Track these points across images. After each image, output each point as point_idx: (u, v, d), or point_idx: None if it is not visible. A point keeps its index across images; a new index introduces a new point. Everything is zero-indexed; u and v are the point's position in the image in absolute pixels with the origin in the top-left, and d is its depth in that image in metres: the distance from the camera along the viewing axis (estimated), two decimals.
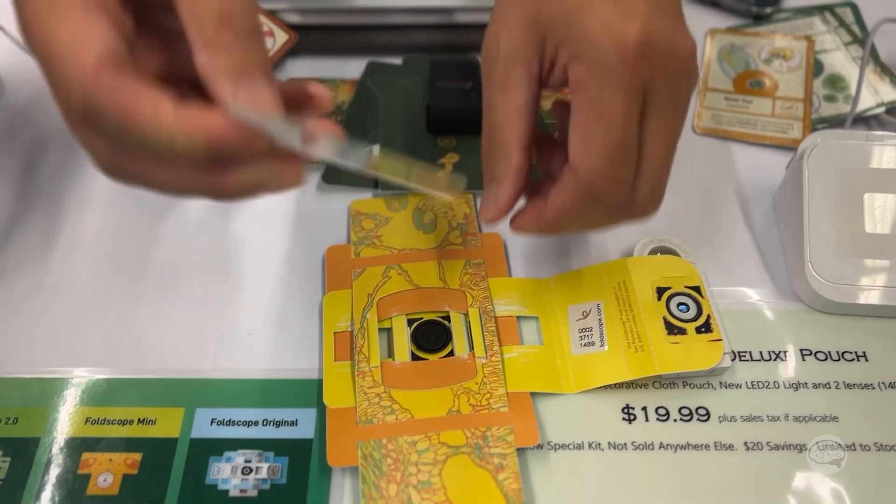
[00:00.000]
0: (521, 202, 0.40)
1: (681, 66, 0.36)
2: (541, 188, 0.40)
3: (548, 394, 0.43)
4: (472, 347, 0.44)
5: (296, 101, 0.34)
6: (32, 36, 0.29)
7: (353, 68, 0.58)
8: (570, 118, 0.36)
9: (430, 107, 0.53)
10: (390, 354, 0.44)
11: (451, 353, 0.44)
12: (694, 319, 0.44)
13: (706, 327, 0.44)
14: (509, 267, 0.48)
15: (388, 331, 0.44)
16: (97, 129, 0.29)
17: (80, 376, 0.44)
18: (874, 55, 0.59)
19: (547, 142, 0.41)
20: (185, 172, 0.31)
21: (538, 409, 0.42)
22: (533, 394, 0.43)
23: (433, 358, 0.44)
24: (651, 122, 0.36)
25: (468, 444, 0.40)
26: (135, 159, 0.30)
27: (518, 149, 0.38)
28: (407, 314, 0.45)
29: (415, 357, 0.44)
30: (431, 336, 0.44)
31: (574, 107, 0.36)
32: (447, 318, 0.45)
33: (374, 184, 0.51)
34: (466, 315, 0.45)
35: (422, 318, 0.45)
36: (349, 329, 0.44)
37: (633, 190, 0.37)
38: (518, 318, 0.46)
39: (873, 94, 0.57)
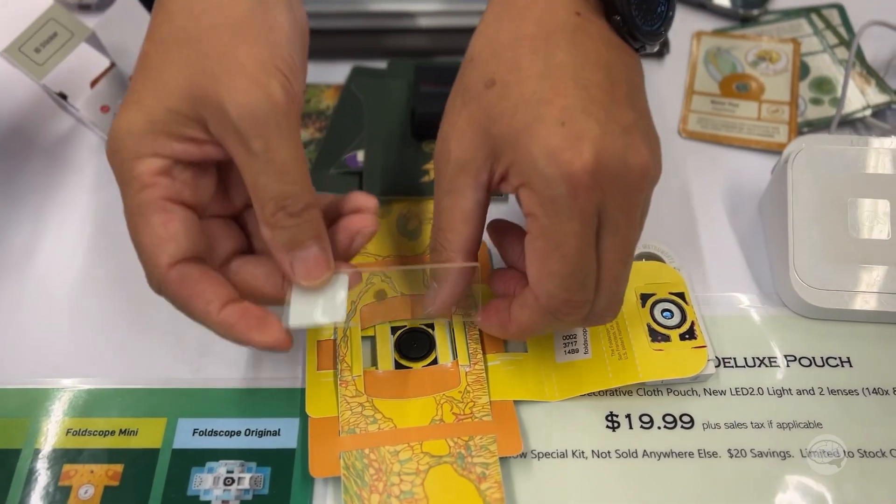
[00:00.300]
0: None
1: (634, 184, 0.35)
2: (502, 282, 0.41)
3: (531, 401, 0.43)
4: (455, 356, 0.43)
5: (346, 212, 0.39)
6: (130, 231, 0.35)
7: (337, 73, 0.58)
8: (525, 241, 0.36)
9: (414, 112, 0.53)
10: (374, 363, 0.43)
11: (435, 362, 0.43)
12: (678, 326, 0.44)
13: (690, 334, 0.43)
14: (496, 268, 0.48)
15: (372, 339, 0.44)
16: (166, 299, 0.36)
17: (62, 387, 0.43)
18: (860, 57, 0.59)
19: (509, 230, 0.42)
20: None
21: (521, 417, 0.42)
22: (516, 401, 0.42)
23: (417, 366, 0.43)
24: (606, 241, 0.36)
25: (451, 453, 0.40)
26: None
27: (461, 254, 0.39)
28: (390, 322, 0.45)
29: (398, 365, 0.43)
30: (415, 344, 0.44)
31: (529, 232, 0.36)
32: (431, 325, 0.45)
33: (359, 187, 0.51)
34: (451, 323, 0.45)
35: (405, 326, 0.45)
36: (332, 338, 0.44)
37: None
38: None
39: (859, 96, 0.57)
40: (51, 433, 0.42)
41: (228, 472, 0.40)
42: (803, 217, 0.46)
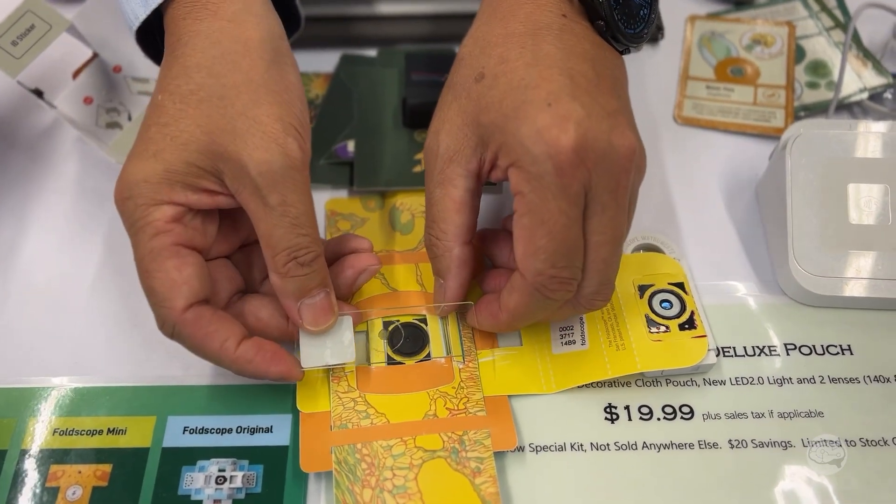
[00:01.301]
0: None
1: (620, 165, 0.36)
2: (492, 280, 0.42)
3: (529, 395, 0.42)
4: (449, 351, 0.43)
5: (343, 252, 0.43)
6: (141, 276, 0.37)
7: (326, 61, 0.57)
8: (513, 220, 0.37)
9: (405, 100, 0.52)
10: (366, 358, 0.43)
11: (428, 357, 0.43)
12: (677, 316, 0.43)
13: (690, 324, 0.43)
14: (487, 268, 0.47)
15: (364, 334, 0.43)
16: (177, 341, 0.38)
17: (48, 386, 0.42)
18: (856, 40, 0.58)
19: (494, 235, 0.43)
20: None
21: (518, 410, 0.42)
22: (513, 394, 0.42)
23: (410, 362, 0.43)
24: (593, 221, 0.36)
25: (445, 448, 0.39)
26: None
27: (458, 242, 0.40)
28: (383, 318, 0.44)
29: (391, 361, 0.43)
30: (408, 339, 0.43)
31: (516, 211, 0.36)
32: (424, 320, 0.44)
33: (350, 181, 0.50)
34: (444, 318, 0.44)
35: (398, 321, 0.44)
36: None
37: (579, 286, 0.38)
38: None
39: (855, 79, 0.56)
40: (37, 433, 0.41)
41: (220, 470, 0.40)
42: (802, 203, 0.45)
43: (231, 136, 0.36)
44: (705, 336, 0.42)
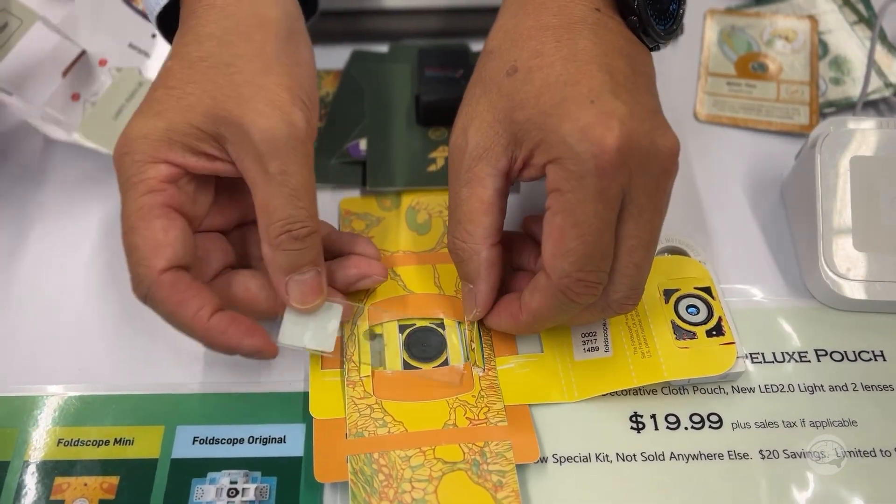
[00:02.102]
0: None
1: (661, 167, 0.35)
2: (512, 283, 0.41)
3: (552, 404, 0.40)
4: (467, 357, 0.41)
5: (345, 248, 0.43)
6: (125, 232, 0.36)
7: (336, 57, 0.55)
8: (544, 218, 0.36)
9: (419, 97, 0.50)
10: (381, 363, 0.41)
11: (446, 363, 0.41)
12: (704, 322, 0.42)
13: (718, 330, 0.41)
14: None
15: (380, 338, 0.42)
16: (150, 306, 0.36)
17: (51, 394, 0.41)
18: (881, 35, 0.56)
19: (514, 238, 0.42)
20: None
21: (539, 419, 0.40)
22: (535, 403, 0.40)
23: (427, 367, 0.41)
24: (629, 224, 0.35)
25: (465, 459, 0.38)
26: None
27: (486, 245, 0.39)
28: (399, 320, 0.42)
29: (407, 366, 0.41)
30: (425, 344, 0.42)
31: (549, 209, 0.35)
32: (441, 325, 0.42)
33: (363, 181, 0.49)
34: (462, 323, 0.42)
35: (414, 325, 0.42)
36: (338, 335, 0.42)
37: (608, 290, 0.37)
38: None
39: (881, 75, 0.54)
40: (41, 444, 0.39)
41: (232, 482, 0.38)
42: (832, 204, 0.44)
43: (236, 101, 0.35)
44: (734, 343, 0.41)
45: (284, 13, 0.39)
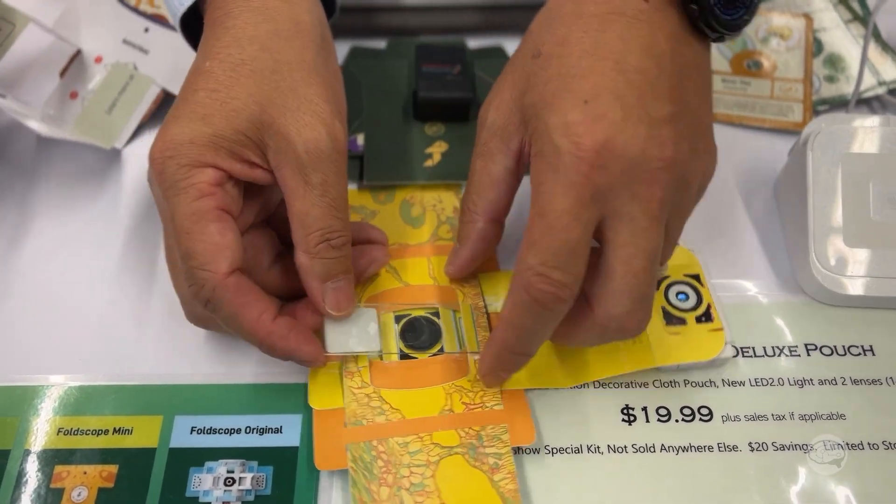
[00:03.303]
0: None
1: (649, 176, 0.33)
2: None
3: (544, 396, 0.41)
4: (462, 344, 0.42)
5: (358, 241, 0.43)
6: (180, 237, 0.35)
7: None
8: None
9: (417, 93, 0.51)
10: (377, 353, 0.42)
11: (441, 351, 0.42)
12: (694, 309, 0.42)
13: (707, 316, 0.42)
14: (499, 261, 0.46)
15: (376, 328, 0.42)
16: (211, 310, 0.36)
17: (52, 384, 0.41)
18: (875, 33, 0.57)
19: None
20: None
21: (535, 412, 0.41)
22: (529, 393, 0.41)
23: (423, 356, 0.42)
24: (622, 232, 0.34)
25: (462, 444, 0.38)
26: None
27: (484, 217, 0.40)
28: (395, 311, 0.43)
29: (403, 355, 0.42)
30: (421, 333, 0.42)
31: (531, 200, 0.35)
32: (436, 314, 0.43)
33: (360, 175, 0.49)
34: (457, 312, 0.43)
35: (409, 315, 0.43)
36: None
37: (607, 306, 0.35)
38: None
39: (874, 73, 0.55)
40: (41, 433, 0.40)
41: (229, 471, 0.39)
42: (823, 200, 0.44)
43: (282, 110, 0.36)
44: (722, 329, 0.41)
45: (318, 19, 0.39)
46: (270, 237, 0.41)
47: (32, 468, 0.39)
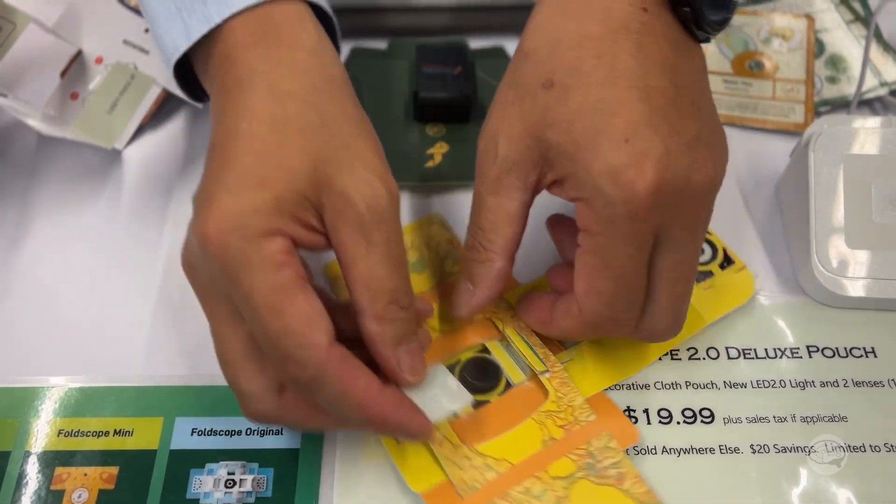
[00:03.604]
0: None
1: (698, 203, 0.34)
2: (563, 277, 0.39)
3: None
4: (526, 369, 0.41)
5: None
6: (268, 318, 0.31)
7: None
8: (576, 253, 0.35)
9: (417, 94, 0.51)
10: (451, 411, 0.40)
11: (509, 384, 0.41)
12: (713, 259, 0.44)
13: (727, 261, 0.44)
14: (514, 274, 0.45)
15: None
16: (312, 391, 0.33)
17: (52, 385, 0.41)
18: (877, 34, 0.57)
19: (567, 225, 0.41)
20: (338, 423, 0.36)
21: None
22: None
23: (494, 396, 0.40)
24: (667, 258, 0.35)
25: (580, 467, 0.38)
26: (307, 410, 0.35)
27: (503, 256, 0.38)
28: (445, 363, 0.41)
29: (476, 403, 0.40)
30: (482, 375, 0.41)
31: (581, 245, 0.35)
32: (486, 350, 0.42)
33: None
34: (502, 340, 0.42)
35: (460, 360, 0.41)
36: None
37: (651, 322, 0.36)
38: None
39: (876, 74, 0.55)
40: (41, 434, 0.40)
41: (229, 473, 0.39)
42: (825, 201, 0.44)
43: (336, 166, 0.33)
44: (745, 267, 0.43)
45: (344, 73, 0.37)
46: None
47: (33, 470, 0.39)
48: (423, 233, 0.47)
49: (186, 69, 0.40)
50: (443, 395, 0.38)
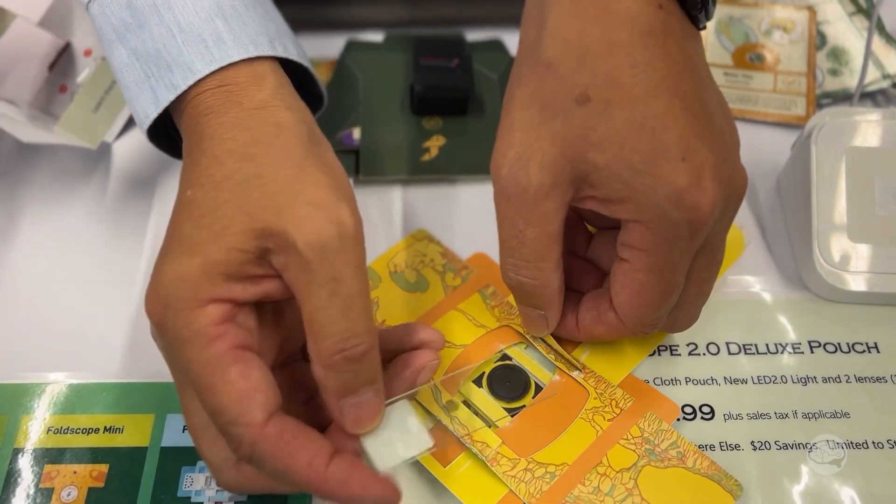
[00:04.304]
0: None
1: (737, 204, 0.35)
2: (576, 279, 0.40)
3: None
4: (551, 367, 0.40)
5: (408, 345, 0.38)
6: (203, 395, 0.31)
7: (331, 47, 0.55)
8: (616, 264, 0.36)
9: (414, 87, 0.50)
10: (487, 423, 0.39)
11: (538, 387, 0.40)
12: None
13: None
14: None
15: (466, 402, 0.40)
16: (255, 467, 0.32)
17: (41, 382, 0.41)
18: (879, 26, 0.56)
19: (577, 223, 0.41)
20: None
21: None
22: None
23: (527, 399, 0.40)
24: (702, 261, 0.35)
25: (640, 455, 0.37)
26: (264, 480, 0.33)
27: (556, 274, 0.37)
28: (471, 379, 0.40)
29: (511, 411, 0.39)
30: (511, 383, 0.40)
31: (630, 262, 0.35)
32: (507, 356, 0.41)
33: (356, 170, 0.48)
34: (521, 343, 0.41)
35: (484, 373, 0.40)
36: (438, 421, 0.39)
37: (676, 317, 0.38)
38: None
39: (878, 66, 0.54)
40: (31, 432, 0.39)
41: None
42: (827, 195, 0.43)
43: (274, 211, 0.31)
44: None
45: (300, 117, 0.35)
46: (305, 366, 0.36)
47: (22, 467, 0.38)
48: (415, 250, 0.46)
49: (170, 127, 0.39)
50: (399, 441, 0.34)
